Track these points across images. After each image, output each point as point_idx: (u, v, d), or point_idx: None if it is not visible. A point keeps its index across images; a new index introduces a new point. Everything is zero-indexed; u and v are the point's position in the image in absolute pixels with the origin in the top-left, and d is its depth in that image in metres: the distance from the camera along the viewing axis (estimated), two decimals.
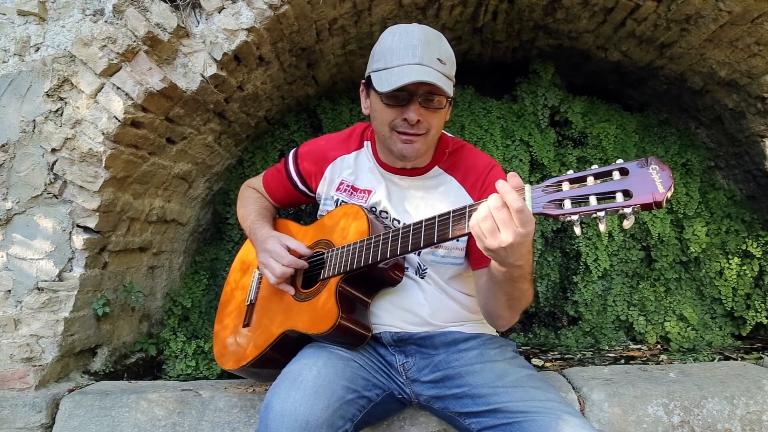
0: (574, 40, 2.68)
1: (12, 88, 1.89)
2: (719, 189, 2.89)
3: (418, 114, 1.25)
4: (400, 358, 1.40)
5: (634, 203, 0.86)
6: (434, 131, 1.32)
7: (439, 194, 1.41)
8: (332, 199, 1.51)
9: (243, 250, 1.76)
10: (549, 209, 0.94)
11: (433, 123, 1.30)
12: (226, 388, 1.74)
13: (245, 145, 2.69)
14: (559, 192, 0.94)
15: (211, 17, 1.87)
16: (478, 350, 1.38)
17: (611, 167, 0.91)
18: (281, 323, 1.42)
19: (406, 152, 1.31)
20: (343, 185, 1.50)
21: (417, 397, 1.39)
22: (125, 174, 1.98)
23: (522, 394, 1.22)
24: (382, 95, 1.27)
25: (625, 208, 0.86)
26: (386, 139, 1.34)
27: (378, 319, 1.40)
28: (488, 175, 1.41)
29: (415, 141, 1.29)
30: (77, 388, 1.83)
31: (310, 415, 1.10)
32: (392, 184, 1.45)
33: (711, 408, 1.59)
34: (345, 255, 1.33)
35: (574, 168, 2.69)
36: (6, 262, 1.87)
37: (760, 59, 2.22)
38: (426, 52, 1.25)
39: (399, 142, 1.30)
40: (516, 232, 0.97)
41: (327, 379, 1.20)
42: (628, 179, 0.88)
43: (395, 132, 1.30)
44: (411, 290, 1.39)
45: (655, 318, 2.57)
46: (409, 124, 1.27)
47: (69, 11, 1.90)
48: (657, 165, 0.87)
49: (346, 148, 1.53)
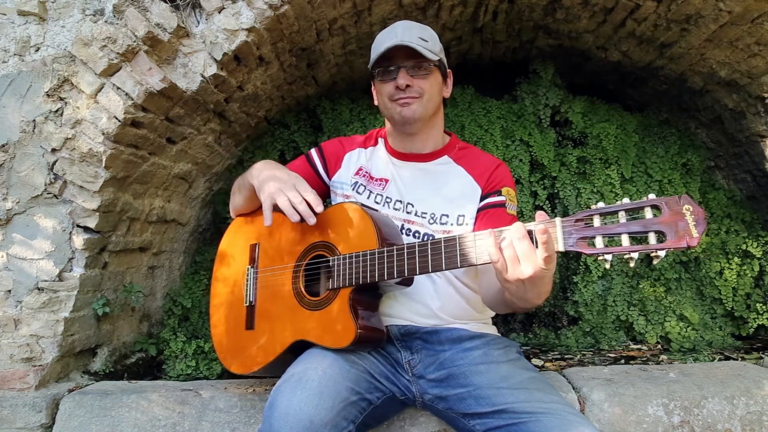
0: (574, 40, 2.68)
1: (12, 88, 1.89)
2: (719, 189, 2.89)
3: (406, 80, 1.42)
4: (406, 355, 1.41)
5: (668, 247, 0.86)
6: (428, 95, 1.45)
7: (449, 180, 1.50)
8: (349, 183, 1.57)
9: (225, 241, 1.68)
10: (581, 247, 0.94)
11: (424, 87, 1.44)
12: (226, 388, 1.74)
13: (245, 145, 2.69)
14: (590, 228, 0.93)
15: (211, 17, 1.87)
16: (482, 350, 1.38)
17: (643, 203, 0.90)
18: (292, 332, 1.39)
19: (405, 113, 1.44)
20: (362, 171, 1.57)
21: (422, 396, 1.39)
22: (125, 174, 1.98)
23: (527, 395, 1.22)
24: (376, 74, 1.47)
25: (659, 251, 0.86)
26: (390, 112, 1.48)
27: (386, 312, 1.42)
28: (495, 170, 1.50)
29: (411, 103, 1.43)
30: (77, 388, 1.83)
31: (315, 415, 1.10)
32: (404, 170, 1.54)
33: (711, 408, 1.59)
34: (356, 265, 1.31)
35: (575, 168, 2.69)
36: (6, 262, 1.87)
37: (760, 59, 2.22)
38: (406, 32, 1.43)
39: (398, 107, 1.44)
40: (537, 268, 0.96)
41: (332, 380, 1.20)
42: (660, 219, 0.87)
43: (394, 102, 1.45)
44: (421, 283, 1.41)
45: (655, 318, 2.57)
46: (401, 89, 1.42)
47: (69, 11, 1.90)
48: (691, 206, 0.86)
49: (363, 144, 1.64)
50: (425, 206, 1.47)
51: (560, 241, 0.95)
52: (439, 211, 1.45)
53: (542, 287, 1.02)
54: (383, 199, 1.51)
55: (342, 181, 1.58)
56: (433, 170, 1.53)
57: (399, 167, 1.55)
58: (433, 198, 1.48)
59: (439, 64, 1.47)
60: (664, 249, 0.86)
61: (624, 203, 0.92)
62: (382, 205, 1.50)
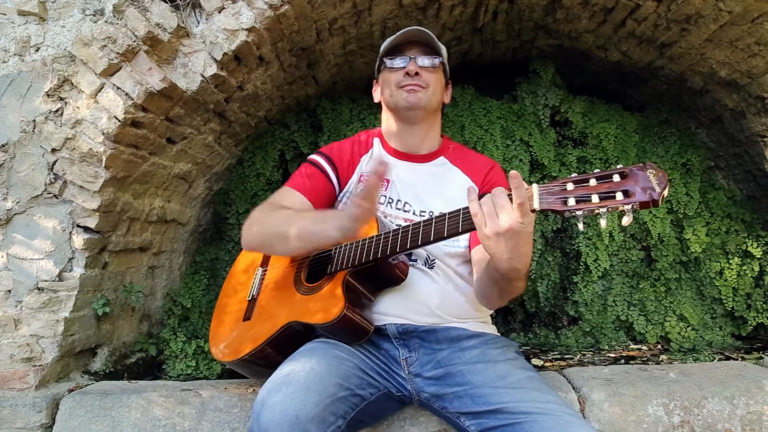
0: (574, 40, 2.68)
1: (12, 88, 1.89)
2: (719, 189, 2.89)
3: (416, 68, 1.48)
4: (403, 352, 1.41)
5: (633, 201, 0.95)
6: (433, 88, 1.51)
7: (446, 181, 1.54)
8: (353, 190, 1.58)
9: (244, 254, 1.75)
10: (555, 205, 1.02)
11: (431, 80, 1.50)
12: (226, 388, 1.74)
13: (245, 145, 2.69)
14: (564, 192, 1.03)
15: (211, 17, 1.87)
16: (480, 349, 1.38)
17: (612, 171, 1.00)
18: (285, 316, 1.41)
19: (411, 99, 1.48)
20: (364, 177, 1.58)
21: (418, 394, 1.39)
22: (125, 174, 1.98)
23: (523, 395, 1.22)
24: (385, 63, 1.53)
25: (625, 205, 0.96)
26: (395, 99, 1.51)
27: (384, 311, 1.41)
28: (491, 170, 1.56)
29: (418, 91, 1.49)
30: (77, 388, 1.83)
31: (300, 410, 1.11)
32: (402, 171, 1.56)
33: (711, 408, 1.59)
34: (353, 250, 1.36)
35: (575, 168, 2.70)
36: (6, 262, 1.87)
37: (760, 59, 2.22)
38: (421, 31, 1.51)
39: (404, 92, 1.49)
40: (513, 219, 1.02)
41: (319, 376, 1.21)
42: (627, 181, 0.98)
43: (401, 88, 1.49)
44: (420, 281, 1.42)
45: (655, 318, 2.57)
46: (410, 75, 1.48)
47: (69, 11, 1.90)
48: (653, 169, 0.97)
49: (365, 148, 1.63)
50: (425, 206, 1.50)
51: (536, 201, 1.03)
52: (437, 210, 1.47)
53: (521, 247, 1.06)
54: (386, 199, 1.52)
55: (351, 191, 1.59)
56: (431, 172, 1.56)
57: (398, 168, 1.56)
58: (433, 199, 1.50)
59: (444, 66, 1.56)
60: (629, 203, 0.95)
61: (595, 172, 1.02)
62: (386, 205, 1.52)
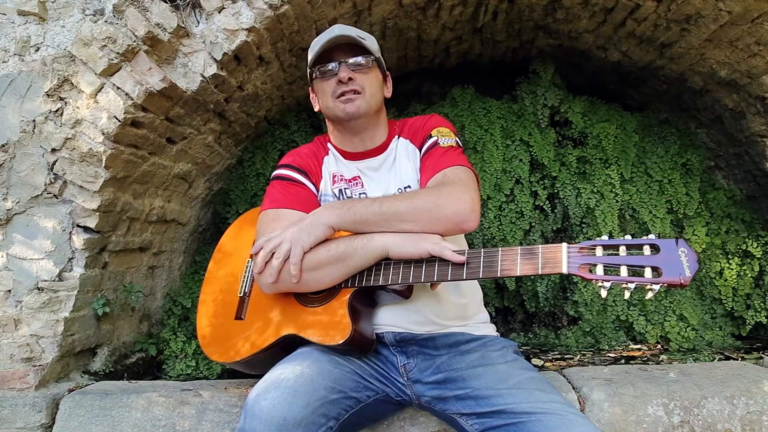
0: (574, 40, 2.68)
1: (12, 88, 1.89)
2: (719, 189, 2.89)
3: (347, 73, 1.43)
4: (401, 359, 1.40)
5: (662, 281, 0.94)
6: (370, 91, 1.46)
7: (399, 156, 1.52)
8: (330, 193, 1.53)
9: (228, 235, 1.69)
10: (583, 272, 1.01)
11: (365, 83, 1.45)
12: (226, 388, 1.74)
13: (245, 145, 2.69)
14: (593, 256, 1.01)
15: (211, 17, 1.87)
16: (479, 352, 1.38)
17: (643, 241, 0.99)
18: (284, 325, 1.39)
19: (349, 109, 1.44)
20: (337, 176, 1.55)
21: (418, 399, 1.39)
22: (125, 174, 1.98)
23: (526, 395, 1.22)
24: (316, 73, 1.48)
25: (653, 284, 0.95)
26: (334, 111, 1.46)
27: (381, 320, 1.40)
28: (426, 123, 1.53)
29: (354, 99, 1.44)
30: (77, 388, 1.83)
31: (288, 413, 1.11)
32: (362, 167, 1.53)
33: (711, 408, 1.59)
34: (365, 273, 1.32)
35: (575, 168, 2.70)
36: (6, 262, 1.87)
37: (760, 59, 2.22)
38: (344, 30, 1.45)
39: (341, 103, 1.44)
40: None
41: (308, 379, 1.21)
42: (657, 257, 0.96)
43: (338, 99, 1.44)
44: (417, 291, 1.39)
45: (655, 318, 2.57)
46: (343, 83, 1.43)
47: (69, 11, 1.90)
48: (686, 248, 0.96)
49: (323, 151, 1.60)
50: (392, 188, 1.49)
51: (564, 264, 1.01)
52: (403, 185, 1.48)
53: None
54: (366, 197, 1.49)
55: (324, 193, 1.54)
56: (387, 156, 1.54)
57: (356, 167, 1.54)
58: (394, 179, 1.50)
59: (378, 61, 1.50)
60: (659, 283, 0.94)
61: (626, 239, 1.00)
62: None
